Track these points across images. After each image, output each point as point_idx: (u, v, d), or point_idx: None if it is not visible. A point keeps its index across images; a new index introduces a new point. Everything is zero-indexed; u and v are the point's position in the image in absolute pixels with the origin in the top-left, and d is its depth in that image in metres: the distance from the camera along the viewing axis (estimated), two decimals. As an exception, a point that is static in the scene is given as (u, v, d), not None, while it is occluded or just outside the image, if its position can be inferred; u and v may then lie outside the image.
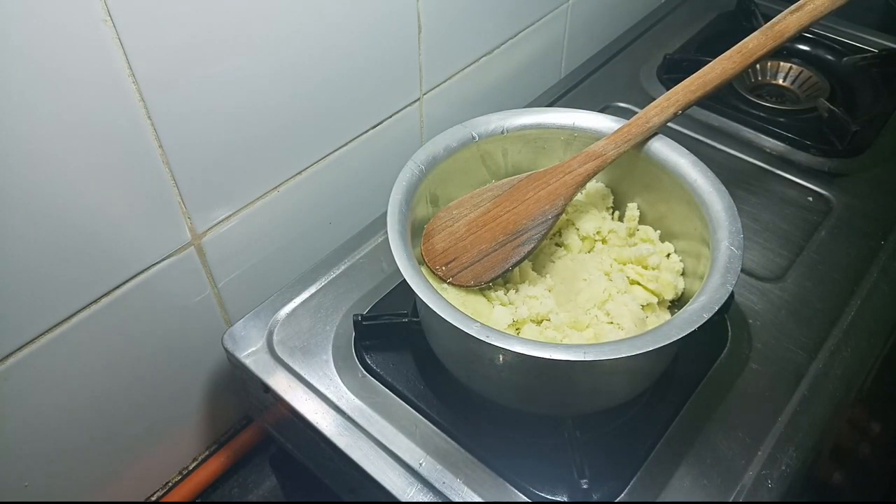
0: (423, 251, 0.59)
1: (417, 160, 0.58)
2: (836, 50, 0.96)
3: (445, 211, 0.60)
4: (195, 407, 0.73)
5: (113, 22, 0.47)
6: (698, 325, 0.46)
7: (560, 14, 0.91)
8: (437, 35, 0.74)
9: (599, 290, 0.56)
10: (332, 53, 0.64)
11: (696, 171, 0.57)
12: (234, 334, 0.63)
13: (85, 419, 0.61)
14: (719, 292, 0.48)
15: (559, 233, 0.63)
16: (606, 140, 0.59)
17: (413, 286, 0.49)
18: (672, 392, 0.59)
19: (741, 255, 0.51)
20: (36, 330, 0.54)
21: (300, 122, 0.65)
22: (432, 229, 0.59)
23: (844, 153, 0.81)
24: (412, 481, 0.54)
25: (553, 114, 0.63)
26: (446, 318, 0.47)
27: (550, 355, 0.45)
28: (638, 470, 0.54)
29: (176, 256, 0.61)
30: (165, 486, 0.74)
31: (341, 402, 0.58)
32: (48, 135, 0.48)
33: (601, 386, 0.54)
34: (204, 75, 0.55)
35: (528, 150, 0.64)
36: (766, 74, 0.94)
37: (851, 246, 0.71)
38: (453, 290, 0.57)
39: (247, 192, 0.64)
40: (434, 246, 0.58)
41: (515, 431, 0.56)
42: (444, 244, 0.58)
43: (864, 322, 0.65)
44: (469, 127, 0.61)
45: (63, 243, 0.52)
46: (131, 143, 0.53)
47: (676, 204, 0.59)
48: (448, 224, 0.59)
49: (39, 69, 0.45)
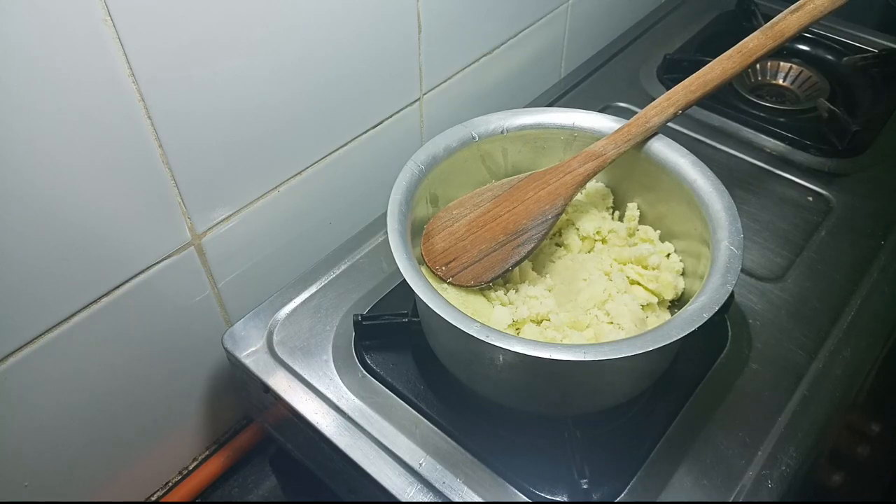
0: (423, 251, 0.59)
1: (417, 160, 0.58)
2: (836, 50, 0.96)
3: (445, 211, 0.60)
4: (195, 407, 0.73)
5: (113, 22, 0.47)
6: (698, 324, 0.46)
7: (560, 14, 0.91)
8: (437, 35, 0.74)
9: (599, 290, 0.56)
10: (332, 53, 0.64)
11: (696, 170, 0.57)
12: (234, 334, 0.63)
13: (85, 419, 0.61)
14: (719, 292, 0.48)
15: (559, 233, 0.63)
16: (606, 140, 0.59)
17: (413, 286, 0.49)
18: (672, 392, 0.59)
19: (741, 255, 0.51)
20: (35, 330, 0.54)
21: (300, 122, 0.65)
22: (432, 229, 0.59)
23: (844, 153, 0.81)
24: (412, 481, 0.54)
25: (553, 114, 0.63)
26: (446, 317, 0.47)
27: (550, 355, 0.45)
28: (638, 470, 0.54)
29: (176, 256, 0.61)
30: (165, 486, 0.74)
31: (341, 402, 0.58)
32: (48, 134, 0.47)
33: (601, 386, 0.54)
34: (204, 75, 0.55)
35: (528, 150, 0.64)
36: (766, 74, 0.94)
37: (851, 246, 0.71)
38: (453, 290, 0.57)
39: (247, 192, 0.64)
40: (434, 246, 0.58)
41: (515, 431, 0.56)
42: (444, 244, 0.58)
43: (864, 322, 0.65)
44: (469, 127, 0.61)
45: (62, 243, 0.52)
46: (131, 142, 0.53)
47: (676, 204, 0.59)
48: (448, 224, 0.59)
49: (39, 69, 0.45)
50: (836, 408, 0.59)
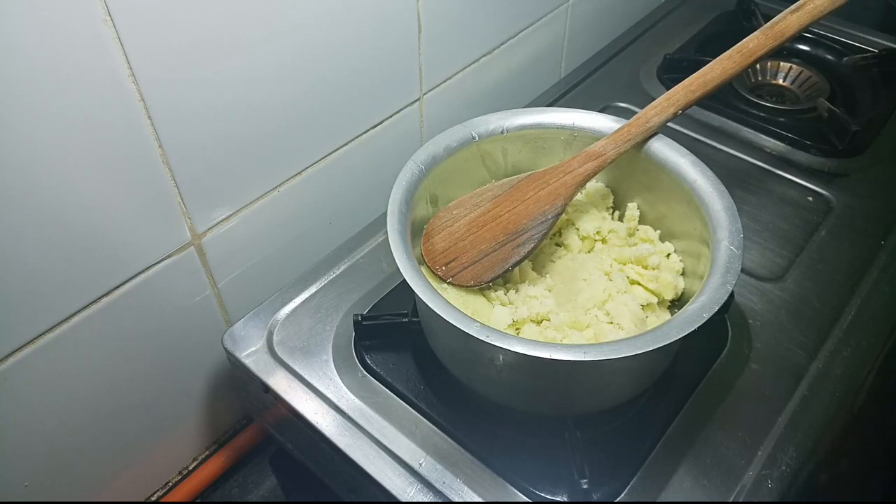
0: (423, 251, 0.59)
1: (417, 160, 0.58)
2: (836, 50, 0.96)
3: (445, 211, 0.60)
4: (195, 407, 0.73)
5: (113, 21, 0.47)
6: (698, 324, 0.46)
7: (560, 14, 0.91)
8: (438, 35, 0.74)
9: (599, 290, 0.56)
10: (331, 53, 0.64)
11: (696, 170, 0.57)
12: (234, 334, 0.63)
13: (84, 419, 0.61)
14: (719, 292, 0.48)
15: (559, 233, 0.63)
16: (606, 140, 0.59)
17: (413, 286, 0.49)
18: (672, 392, 0.59)
19: (741, 255, 0.51)
20: (35, 330, 0.54)
21: (300, 122, 0.65)
22: (432, 229, 0.59)
23: (844, 153, 0.81)
24: (412, 481, 0.54)
25: (553, 114, 0.63)
26: (446, 317, 0.47)
27: (550, 355, 0.45)
28: (638, 470, 0.54)
29: (176, 256, 0.61)
30: (165, 486, 0.74)
31: (341, 402, 0.58)
32: (48, 134, 0.47)
33: (601, 386, 0.54)
34: (204, 75, 0.54)
35: (528, 150, 0.64)
36: (766, 74, 0.94)
37: (851, 246, 0.71)
38: (453, 290, 0.57)
39: (247, 192, 0.64)
40: (434, 246, 0.58)
41: (515, 431, 0.56)
42: (444, 244, 0.58)
43: (864, 322, 0.65)
44: (469, 127, 0.61)
45: (62, 243, 0.52)
46: (131, 142, 0.53)
47: (676, 204, 0.59)
48: (448, 224, 0.59)
49: (39, 68, 0.45)
50: (836, 408, 0.59)
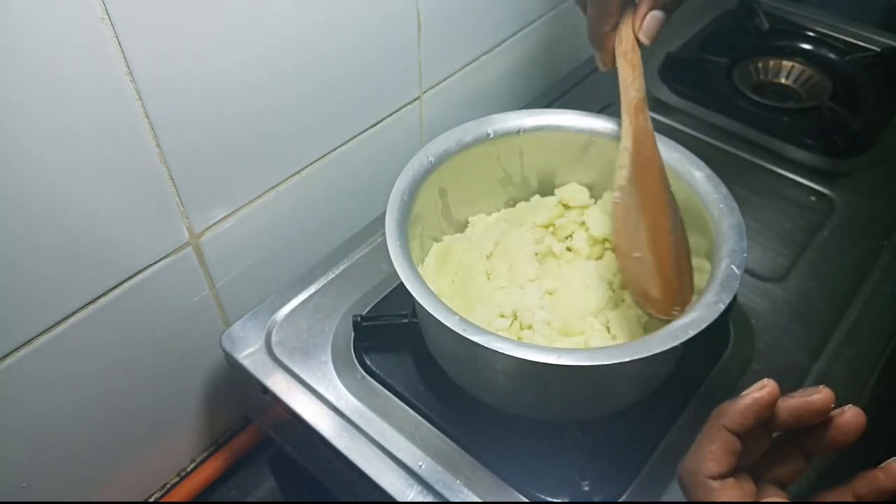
0: (650, 308, 0.53)
1: (428, 151, 0.57)
2: (838, 49, 0.95)
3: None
4: (193, 408, 0.72)
5: (111, 20, 0.47)
6: (680, 341, 0.45)
7: (561, 12, 0.90)
8: (437, 33, 0.73)
9: (599, 299, 0.56)
10: (330, 51, 0.63)
11: (710, 185, 0.55)
12: (233, 335, 0.63)
13: (82, 420, 0.61)
14: (710, 310, 0.47)
15: (570, 236, 0.62)
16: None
17: (407, 284, 0.49)
18: (674, 393, 0.58)
19: (740, 275, 0.49)
20: (32, 331, 0.53)
21: (298, 121, 0.64)
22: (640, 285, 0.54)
23: (847, 152, 0.80)
24: (412, 483, 0.53)
25: (571, 116, 0.62)
26: (442, 319, 0.47)
27: (524, 355, 0.44)
28: (639, 472, 0.54)
29: (173, 256, 0.61)
30: (163, 488, 0.74)
31: (340, 403, 0.58)
32: (44, 134, 0.47)
33: (593, 393, 0.53)
34: (202, 74, 0.54)
35: (545, 151, 0.63)
36: (768, 73, 0.94)
37: (854, 245, 0.71)
38: (451, 290, 0.57)
39: (245, 192, 0.64)
40: (652, 296, 0.53)
41: (516, 433, 0.56)
42: (657, 291, 0.53)
43: (867, 322, 0.64)
44: (485, 123, 0.60)
45: (60, 243, 0.52)
46: (129, 142, 0.52)
47: (688, 218, 0.58)
48: (642, 266, 0.54)
49: (35, 68, 0.45)
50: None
